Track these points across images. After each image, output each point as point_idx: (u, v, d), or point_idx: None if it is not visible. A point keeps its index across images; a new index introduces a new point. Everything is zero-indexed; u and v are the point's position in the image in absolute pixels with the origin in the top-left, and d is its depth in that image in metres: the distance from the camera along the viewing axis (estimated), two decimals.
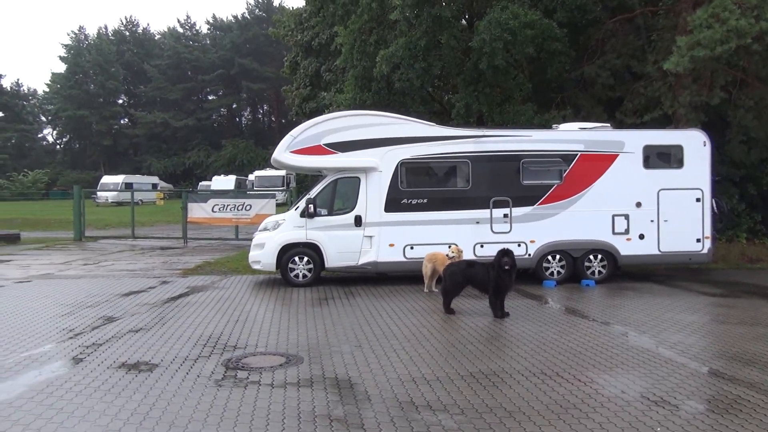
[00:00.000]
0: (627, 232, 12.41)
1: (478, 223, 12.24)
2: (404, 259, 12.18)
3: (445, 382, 6.00)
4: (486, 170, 12.38)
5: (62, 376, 6.28)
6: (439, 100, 25.04)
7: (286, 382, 6.02)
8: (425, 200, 12.26)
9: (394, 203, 12.20)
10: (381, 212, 12.19)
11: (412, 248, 12.12)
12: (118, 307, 10.01)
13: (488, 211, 12.27)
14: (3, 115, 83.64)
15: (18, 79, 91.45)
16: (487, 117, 19.76)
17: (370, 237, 12.17)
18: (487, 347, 7.38)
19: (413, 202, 12.24)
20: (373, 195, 12.20)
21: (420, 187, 12.41)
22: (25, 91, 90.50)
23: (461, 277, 9.39)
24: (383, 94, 21.53)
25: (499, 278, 8.94)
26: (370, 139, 12.26)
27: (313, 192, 12.44)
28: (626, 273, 13.44)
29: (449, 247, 10.95)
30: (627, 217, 12.41)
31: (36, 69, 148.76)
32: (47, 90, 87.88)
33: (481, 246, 12.12)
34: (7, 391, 5.82)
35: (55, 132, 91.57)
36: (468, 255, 11.63)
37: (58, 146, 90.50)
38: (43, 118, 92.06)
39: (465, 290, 9.76)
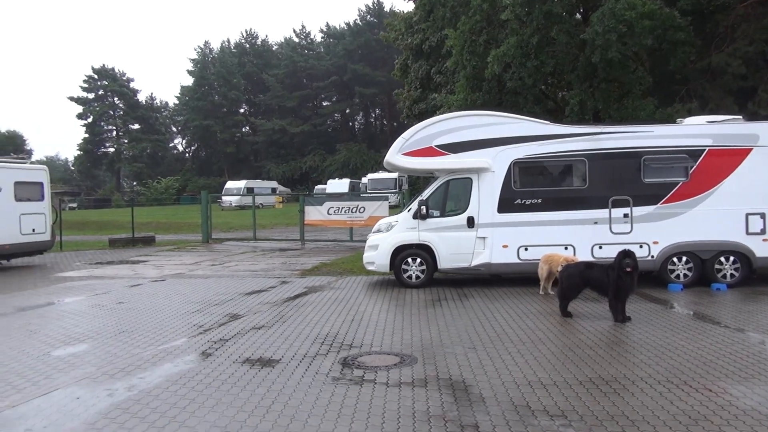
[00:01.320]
0: (763, 232, 11.49)
1: (596, 223, 11.79)
2: (518, 261, 11.95)
3: (562, 387, 5.84)
4: (604, 168, 11.90)
5: (193, 368, 6.72)
6: (552, 97, 24.38)
7: (401, 381, 6.10)
8: (539, 200, 11.97)
9: (507, 204, 12.01)
10: (494, 213, 12.04)
11: (526, 249, 11.87)
12: (242, 305, 10.56)
13: (607, 210, 11.78)
14: (139, 127, 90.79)
15: (152, 93, 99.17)
16: (603, 113, 18.99)
17: (483, 238, 12.06)
18: (607, 352, 7.09)
19: (527, 203, 11.99)
20: (485, 196, 12.07)
21: (534, 187, 12.14)
22: (158, 104, 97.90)
23: (579, 279, 9.09)
24: (494, 94, 21.27)
25: (619, 280, 8.56)
26: (481, 140, 12.15)
27: (425, 193, 12.50)
28: (763, 277, 12.43)
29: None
30: (763, 216, 11.48)
31: (167, 83, 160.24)
32: (177, 102, 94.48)
33: (600, 247, 11.66)
34: (146, 380, 6.31)
35: (184, 141, 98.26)
36: (586, 256, 11.24)
37: (187, 154, 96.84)
38: (174, 129, 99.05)
39: (583, 293, 9.44)
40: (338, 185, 52.55)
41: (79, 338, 8.41)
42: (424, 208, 12.20)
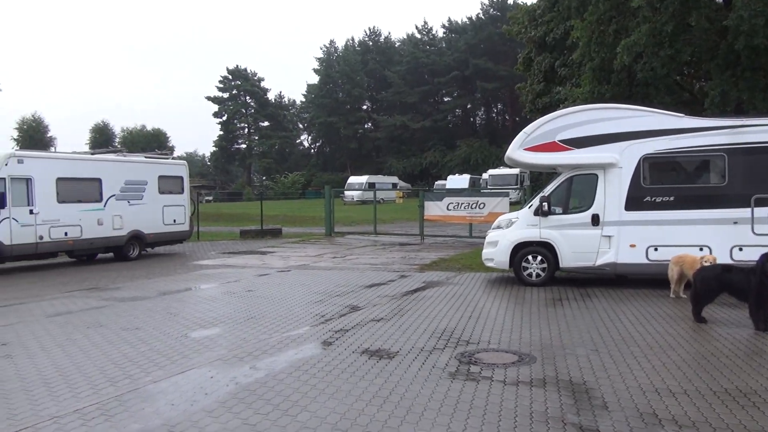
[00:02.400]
0: None
1: (735, 223, 10.93)
2: (647, 261, 11.33)
3: (694, 397, 5.49)
4: (746, 164, 10.98)
5: (315, 356, 6.99)
6: (688, 88, 22.85)
7: (519, 380, 6.00)
8: (672, 198, 11.28)
9: (635, 201, 11.42)
10: (621, 211, 11.49)
11: (656, 250, 11.24)
12: (362, 298, 10.83)
13: (749, 210, 10.87)
14: (269, 124, 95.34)
15: (280, 92, 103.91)
16: (747, 105, 17.53)
17: (609, 237, 11.55)
18: (746, 362, 6.57)
19: (658, 200, 11.33)
20: (611, 193, 11.55)
21: (666, 183, 11.45)
22: (286, 102, 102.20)
23: (715, 283, 8.48)
24: (623, 86, 20.28)
25: (762, 286, 7.89)
26: (608, 134, 11.63)
27: (548, 190, 12.17)
28: None
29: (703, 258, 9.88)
30: None
31: (295, 82, 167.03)
32: (303, 100, 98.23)
33: (740, 249, 10.80)
34: (272, 365, 6.65)
35: (310, 137, 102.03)
36: (723, 259, 10.45)
37: (312, 150, 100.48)
38: (300, 126, 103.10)
39: (719, 298, 8.80)
40: (458, 181, 52.36)
41: (212, 322, 9.01)
42: (546, 204, 11.89)
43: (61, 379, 6.28)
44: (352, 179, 61.96)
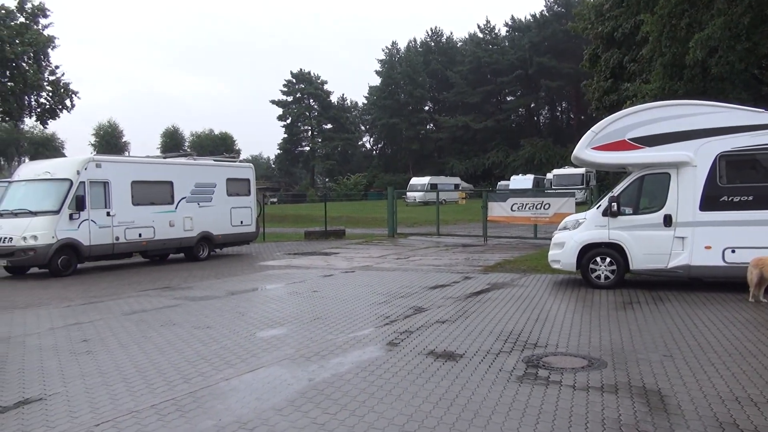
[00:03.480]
0: None
1: None
2: (723, 264, 10.85)
3: None
4: None
5: (381, 357, 7.02)
6: None
7: (589, 385, 5.85)
8: (751, 197, 10.75)
9: (711, 201, 10.94)
10: (695, 211, 11.03)
11: (733, 252, 10.74)
12: (426, 299, 10.81)
13: None
14: (332, 126, 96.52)
15: (343, 94, 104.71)
16: None
17: (682, 238, 11.12)
18: None
19: (736, 200, 10.83)
20: (685, 192, 11.11)
21: (745, 182, 10.93)
22: (349, 105, 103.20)
23: None
24: (697, 82, 19.52)
25: None
26: (682, 131, 11.19)
27: (617, 189, 11.82)
28: None
29: None
30: None
31: (357, 84, 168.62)
32: (365, 102, 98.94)
33: None
34: (339, 365, 6.72)
35: (372, 139, 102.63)
36: None
37: (374, 152, 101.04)
38: (363, 127, 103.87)
39: None
40: (522, 181, 51.57)
41: (279, 322, 9.18)
42: (615, 204, 11.55)
43: (138, 375, 6.53)
44: (414, 180, 61.97)
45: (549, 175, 52.02)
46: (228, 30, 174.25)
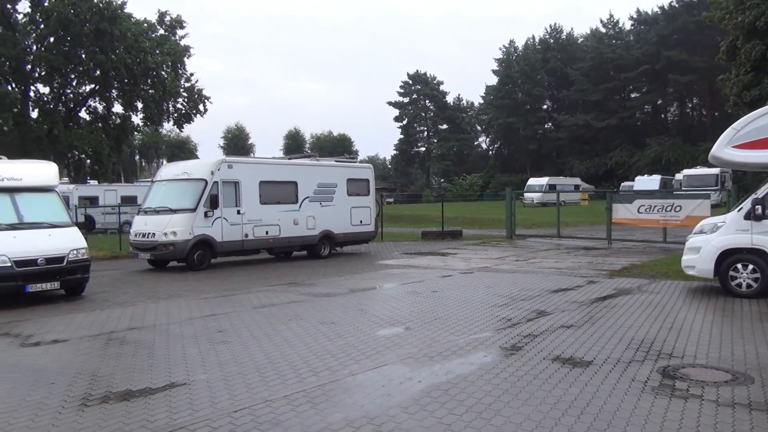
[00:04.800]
0: None
1: None
2: None
3: None
4: None
5: (505, 360, 6.92)
6: None
7: (734, 401, 5.45)
8: None
9: None
10: None
11: None
12: (548, 303, 10.53)
13: None
14: (447, 127, 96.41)
15: (459, 95, 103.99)
16: None
17: None
18: None
19: None
20: None
21: None
22: (465, 105, 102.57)
23: None
24: None
25: None
26: None
27: (762, 191, 10.92)
28: None
29: None
30: None
31: (473, 84, 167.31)
32: (482, 102, 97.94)
33: None
34: (462, 366, 6.70)
35: (488, 139, 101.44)
36: None
37: (490, 152, 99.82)
38: (479, 128, 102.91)
39: None
40: (647, 182, 48.91)
41: (401, 320, 9.29)
42: (759, 207, 10.67)
43: (270, 366, 6.85)
44: (532, 181, 60.54)
45: (678, 176, 48.96)
46: (347, 36, 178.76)
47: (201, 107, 43.02)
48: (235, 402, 5.67)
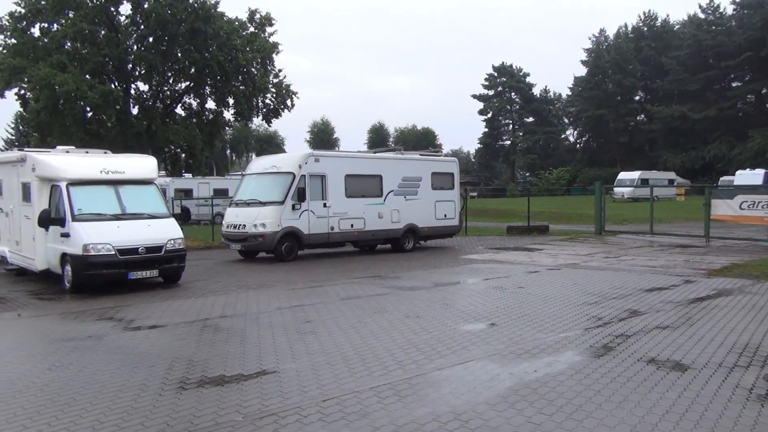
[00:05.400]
0: None
1: None
2: None
3: None
4: None
5: (596, 360, 6.69)
6: None
7: None
8: None
9: None
10: None
11: None
12: (642, 302, 10.11)
13: None
14: (533, 119, 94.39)
15: (546, 86, 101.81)
16: None
17: None
18: None
19: None
20: None
21: None
22: (551, 97, 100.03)
23: None
24: None
25: None
26: None
27: None
28: None
29: None
30: None
31: (561, 75, 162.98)
32: (569, 93, 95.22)
33: None
34: (551, 365, 6.54)
35: (575, 132, 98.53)
36: None
37: (577, 145, 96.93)
38: (566, 120, 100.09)
39: None
40: (750, 177, 45.99)
41: (486, 316, 9.18)
42: None
43: (357, 358, 6.93)
44: (623, 175, 58.29)
45: None
46: (431, 28, 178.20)
47: (288, 102, 44.07)
48: (323, 391, 5.78)
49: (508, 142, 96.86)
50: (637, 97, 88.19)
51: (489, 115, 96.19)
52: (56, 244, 12.18)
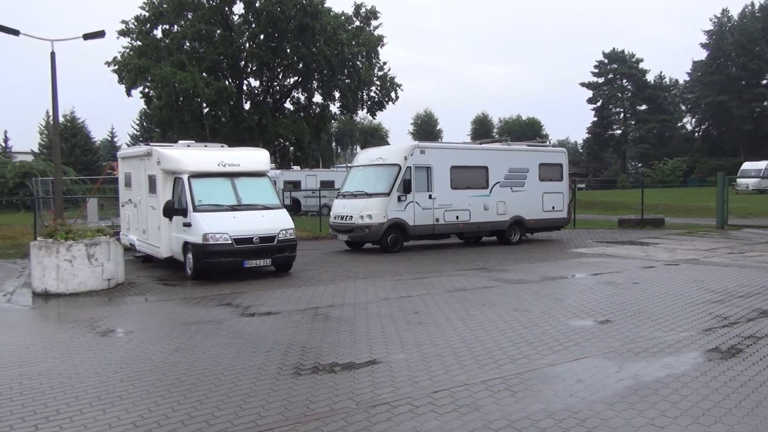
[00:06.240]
0: None
1: None
2: None
3: None
4: None
5: (722, 362, 6.28)
6: None
7: None
8: None
9: None
10: None
11: None
12: None
13: None
14: (646, 107, 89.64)
15: (660, 72, 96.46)
16: None
17: None
18: None
19: None
20: None
21: None
22: (667, 83, 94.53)
23: None
24: None
25: None
26: None
27: None
28: None
29: None
30: None
31: (677, 60, 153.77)
32: (687, 79, 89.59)
33: None
34: (673, 365, 6.21)
35: (693, 120, 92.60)
36: None
37: (696, 134, 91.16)
38: (683, 107, 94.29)
39: None
40: None
41: (599, 312, 8.85)
42: None
43: (466, 350, 6.89)
44: (747, 165, 54.16)
45: None
46: (536, 16, 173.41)
47: (393, 95, 44.44)
48: (434, 383, 5.79)
49: (619, 132, 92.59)
50: (764, 81, 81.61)
51: (598, 104, 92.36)
52: (179, 233, 12.95)
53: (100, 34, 18.14)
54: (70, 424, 4.95)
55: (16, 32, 17.18)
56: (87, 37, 17.89)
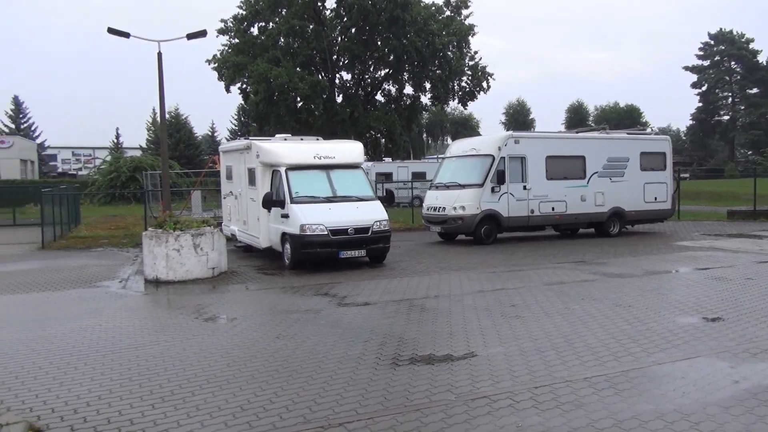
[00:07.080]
0: None
1: None
2: None
3: None
4: None
5: None
6: None
7: None
8: None
9: None
10: None
11: None
12: None
13: None
14: (758, 91, 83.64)
15: None
16: None
17: None
18: None
19: None
20: None
21: None
22: None
23: None
24: None
25: None
26: None
27: None
28: None
29: None
30: None
31: None
32: None
33: None
34: None
35: None
36: None
37: None
38: None
39: None
40: None
41: (709, 309, 8.37)
42: None
43: (567, 345, 6.71)
44: None
45: None
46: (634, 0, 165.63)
47: (484, 84, 43.84)
48: (534, 378, 5.67)
49: (727, 118, 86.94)
50: None
51: (704, 88, 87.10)
52: (277, 224, 13.35)
53: (202, 34, 18.90)
54: (183, 404, 5.22)
55: (126, 35, 18.19)
56: (190, 36, 18.68)
